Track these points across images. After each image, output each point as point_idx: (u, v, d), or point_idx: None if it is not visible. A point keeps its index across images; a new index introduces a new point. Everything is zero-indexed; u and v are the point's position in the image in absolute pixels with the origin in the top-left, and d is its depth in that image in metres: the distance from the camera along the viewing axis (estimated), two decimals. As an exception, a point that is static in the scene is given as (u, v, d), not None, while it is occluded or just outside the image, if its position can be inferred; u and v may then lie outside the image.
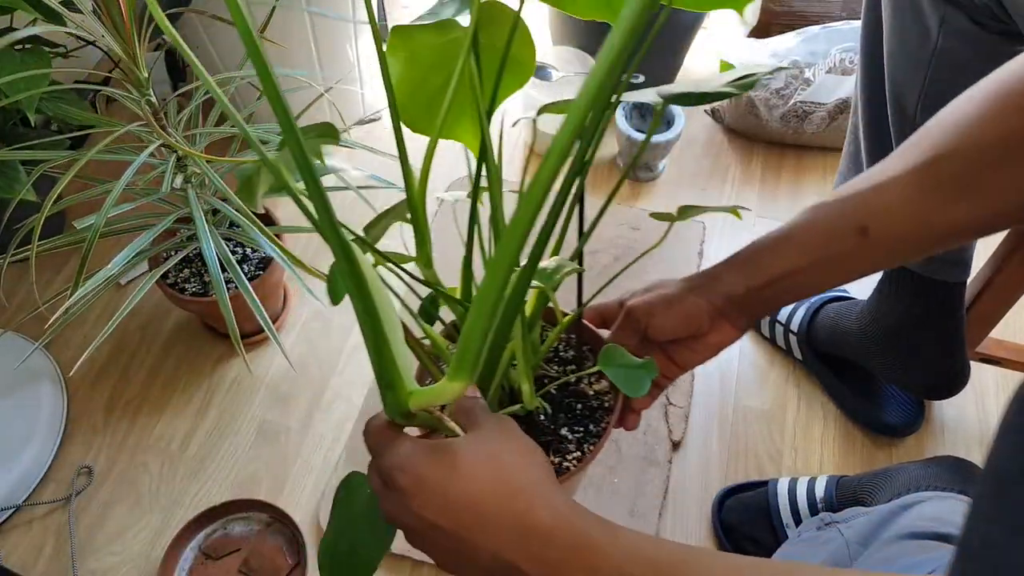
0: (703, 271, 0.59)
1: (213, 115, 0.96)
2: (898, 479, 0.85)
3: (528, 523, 0.39)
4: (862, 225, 0.52)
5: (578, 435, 0.60)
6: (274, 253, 0.84)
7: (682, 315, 0.57)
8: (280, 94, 0.34)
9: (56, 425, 1.04)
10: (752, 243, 0.57)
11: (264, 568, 0.92)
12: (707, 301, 0.57)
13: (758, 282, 0.55)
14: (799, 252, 0.54)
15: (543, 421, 0.61)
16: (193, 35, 1.18)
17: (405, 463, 0.41)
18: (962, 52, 0.69)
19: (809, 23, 1.38)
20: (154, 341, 1.13)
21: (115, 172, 0.83)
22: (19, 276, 1.18)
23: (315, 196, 0.36)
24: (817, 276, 0.55)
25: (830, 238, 0.53)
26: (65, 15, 0.75)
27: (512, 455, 0.42)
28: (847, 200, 0.53)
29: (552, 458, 0.58)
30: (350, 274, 0.39)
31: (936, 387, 0.94)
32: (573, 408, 0.62)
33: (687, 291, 0.57)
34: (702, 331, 0.58)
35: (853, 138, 0.89)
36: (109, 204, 0.78)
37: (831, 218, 0.54)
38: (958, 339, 0.90)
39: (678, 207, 0.57)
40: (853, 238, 0.52)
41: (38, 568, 0.95)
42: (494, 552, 0.40)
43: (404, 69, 0.52)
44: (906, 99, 0.75)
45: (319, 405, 1.07)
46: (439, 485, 0.40)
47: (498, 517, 0.40)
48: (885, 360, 0.95)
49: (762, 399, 1.06)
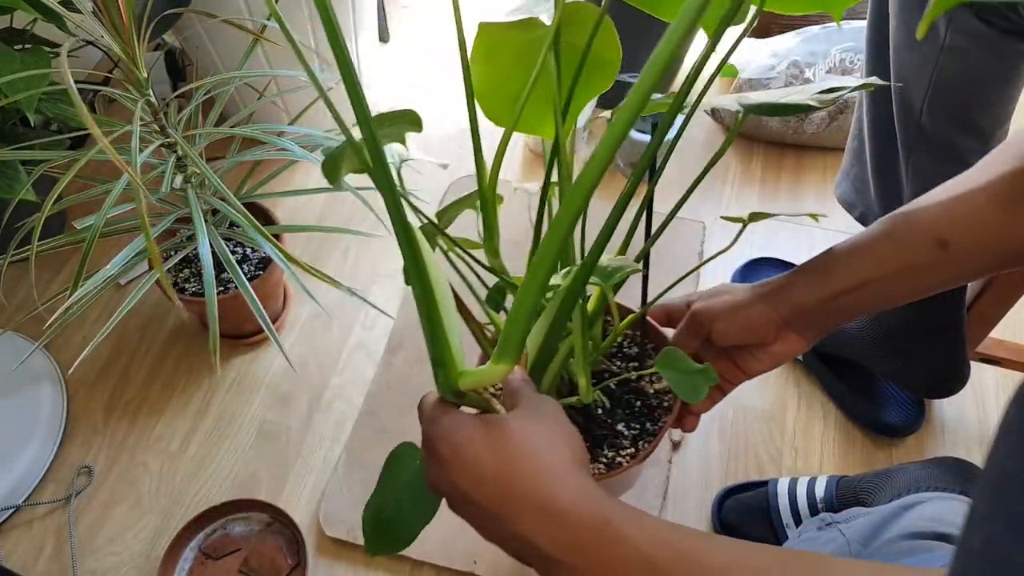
0: (774, 279, 0.58)
1: (213, 115, 0.96)
2: (899, 479, 0.85)
3: (549, 504, 0.40)
4: (941, 237, 0.51)
5: (634, 432, 0.60)
6: (273, 254, 0.84)
7: (746, 322, 0.57)
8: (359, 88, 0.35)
9: (56, 425, 1.04)
10: (825, 252, 0.56)
11: (264, 568, 0.91)
12: (774, 310, 0.56)
13: (828, 293, 0.54)
14: (874, 263, 0.53)
15: (600, 415, 0.61)
16: (193, 35, 1.18)
17: (447, 434, 0.43)
18: (970, 49, 0.69)
19: (809, 23, 1.38)
20: (154, 341, 1.13)
21: (115, 172, 0.82)
22: (19, 276, 1.18)
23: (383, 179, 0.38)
24: (890, 289, 0.54)
25: (907, 249, 0.52)
26: (65, 15, 0.75)
27: (547, 437, 0.43)
28: (926, 211, 0.52)
29: (606, 452, 0.59)
30: (410, 256, 0.40)
31: (936, 386, 0.94)
32: (632, 405, 0.62)
33: (755, 299, 0.57)
34: (767, 340, 0.57)
35: (857, 134, 0.89)
36: (109, 204, 0.78)
37: (909, 229, 0.53)
38: (959, 338, 0.90)
39: (749, 213, 0.56)
40: (931, 250, 0.51)
41: (38, 568, 0.95)
42: (517, 529, 0.41)
43: (485, 64, 0.53)
44: (912, 96, 0.75)
45: (319, 405, 1.07)
46: (474, 458, 0.42)
47: (523, 495, 0.41)
48: (885, 359, 0.95)
49: (762, 399, 1.06)
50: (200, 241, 0.84)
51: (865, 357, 0.97)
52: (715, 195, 1.27)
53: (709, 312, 0.58)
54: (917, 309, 0.89)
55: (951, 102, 0.73)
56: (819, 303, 0.55)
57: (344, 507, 0.96)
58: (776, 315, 0.56)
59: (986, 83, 0.71)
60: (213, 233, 0.88)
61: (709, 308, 0.58)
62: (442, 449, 0.43)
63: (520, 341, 0.43)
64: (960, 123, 0.74)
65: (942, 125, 0.74)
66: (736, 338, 0.58)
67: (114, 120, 0.87)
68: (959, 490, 0.76)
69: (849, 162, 0.92)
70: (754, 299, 0.57)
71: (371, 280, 1.19)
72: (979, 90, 0.72)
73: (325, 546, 0.94)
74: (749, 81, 1.29)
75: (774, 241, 1.21)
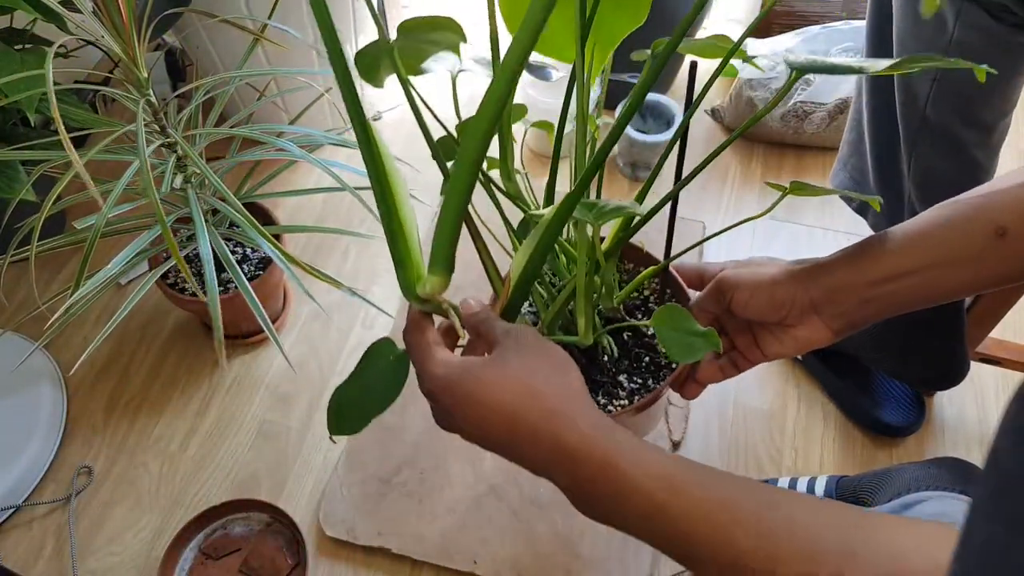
0: (812, 259, 0.54)
1: (213, 115, 0.96)
2: (899, 479, 0.84)
3: (558, 444, 0.42)
4: (1000, 225, 0.48)
5: (634, 386, 0.59)
6: (273, 254, 0.84)
7: (770, 299, 0.53)
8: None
9: (56, 425, 1.04)
10: (870, 237, 0.53)
11: (264, 568, 0.91)
12: (804, 291, 0.52)
13: (870, 278, 0.51)
14: (924, 250, 0.50)
15: (605, 362, 0.60)
16: (193, 35, 1.18)
17: (442, 383, 0.44)
18: (977, 44, 0.68)
19: (809, 23, 1.38)
20: (154, 341, 1.13)
21: (115, 172, 0.82)
22: (19, 276, 1.18)
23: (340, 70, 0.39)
24: (938, 279, 0.50)
25: (963, 237, 0.49)
26: (65, 15, 0.75)
27: (540, 372, 0.43)
28: (987, 197, 0.49)
29: (600, 399, 0.58)
30: (368, 154, 0.41)
31: (936, 379, 0.94)
32: (640, 360, 0.61)
33: (784, 275, 0.53)
34: (788, 321, 0.54)
35: (856, 124, 0.88)
36: (109, 204, 0.78)
37: (966, 216, 0.49)
38: (958, 330, 0.90)
39: (791, 182, 0.54)
40: (989, 239, 0.48)
41: (38, 568, 0.95)
42: (530, 463, 0.43)
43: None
44: (917, 88, 0.74)
45: (319, 405, 1.07)
46: (476, 408, 0.43)
47: (532, 437, 0.42)
48: (884, 353, 0.94)
49: (762, 399, 1.06)
50: (201, 241, 0.84)
51: (864, 350, 0.96)
52: (715, 195, 1.27)
53: (734, 280, 0.55)
54: None
55: (956, 95, 0.73)
56: (860, 288, 0.51)
57: (344, 507, 0.96)
58: (805, 297, 0.52)
59: (992, 77, 0.71)
60: (213, 233, 0.88)
61: (736, 276, 0.55)
62: (443, 400, 0.44)
63: (446, 249, 0.43)
64: (964, 115, 0.74)
65: (946, 117, 0.74)
66: (755, 312, 0.54)
67: (114, 120, 0.87)
68: (959, 489, 0.75)
69: (846, 152, 0.92)
70: (784, 276, 0.53)
71: (371, 280, 1.19)
72: (985, 83, 0.72)
73: (325, 546, 0.94)
74: (749, 81, 1.29)
75: (774, 241, 1.21)
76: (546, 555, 0.91)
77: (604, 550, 0.91)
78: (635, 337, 0.62)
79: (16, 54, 0.85)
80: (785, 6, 1.41)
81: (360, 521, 0.95)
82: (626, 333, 0.62)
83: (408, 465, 0.99)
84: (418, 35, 0.52)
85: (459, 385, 0.43)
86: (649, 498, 0.40)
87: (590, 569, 0.90)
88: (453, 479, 0.97)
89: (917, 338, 0.91)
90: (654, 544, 0.42)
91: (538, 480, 0.95)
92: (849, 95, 1.23)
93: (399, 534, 0.93)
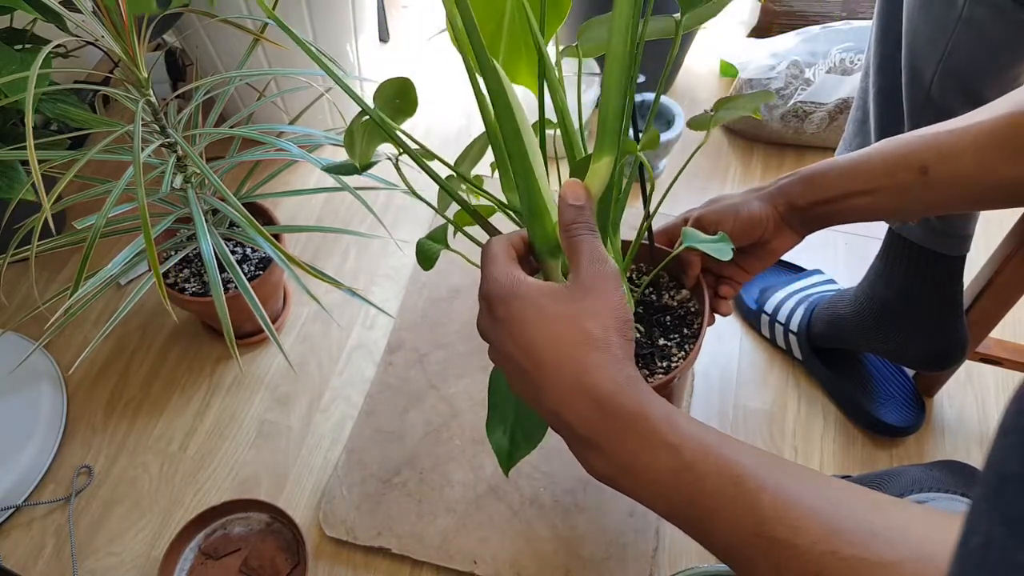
0: (768, 184, 0.63)
1: (213, 115, 0.96)
2: (901, 480, 0.84)
3: (592, 389, 0.42)
4: (923, 163, 0.55)
5: (675, 340, 0.66)
6: (273, 253, 0.84)
7: (748, 221, 0.61)
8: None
9: (56, 425, 1.04)
10: (821, 162, 0.61)
11: (264, 568, 0.92)
12: (773, 208, 0.62)
13: (819, 198, 0.60)
14: (860, 177, 0.58)
15: (640, 339, 0.66)
16: (193, 35, 1.18)
17: (505, 294, 0.45)
18: (987, 21, 0.67)
19: (809, 23, 1.38)
20: (154, 341, 1.13)
21: (115, 172, 0.83)
22: (19, 276, 1.18)
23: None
24: (875, 203, 0.58)
25: (892, 169, 0.57)
26: (65, 15, 0.75)
27: (600, 316, 0.43)
28: (919, 137, 0.56)
29: (659, 364, 0.64)
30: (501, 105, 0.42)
31: (936, 359, 0.92)
32: (663, 322, 0.68)
33: (754, 199, 0.62)
34: (766, 237, 0.63)
35: (861, 103, 0.87)
36: (109, 204, 0.78)
37: (898, 151, 0.57)
38: (956, 309, 0.89)
39: (717, 101, 0.62)
40: (912, 174, 0.56)
41: (38, 568, 0.95)
42: (553, 404, 0.43)
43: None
44: (923, 65, 0.73)
45: (319, 405, 1.07)
46: (526, 327, 0.43)
47: (568, 375, 0.42)
48: (882, 336, 0.94)
49: (762, 399, 1.06)
50: (202, 241, 0.84)
51: (863, 337, 0.96)
52: (715, 195, 1.27)
53: (714, 215, 0.63)
54: (913, 282, 0.89)
55: (963, 74, 0.72)
56: (811, 205, 0.61)
57: (344, 507, 0.96)
58: (774, 212, 0.62)
59: (1000, 55, 0.70)
60: (213, 233, 0.88)
61: (713, 212, 0.63)
62: (498, 309, 0.45)
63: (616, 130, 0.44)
64: (969, 95, 0.73)
65: (951, 96, 0.73)
66: (741, 237, 0.62)
67: (114, 120, 0.87)
68: (961, 492, 0.76)
69: (851, 132, 0.91)
70: (753, 199, 0.62)
71: (371, 280, 1.19)
72: (992, 62, 0.71)
73: (325, 546, 0.94)
74: (749, 81, 1.29)
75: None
76: (546, 555, 0.91)
77: (604, 550, 0.91)
78: (647, 309, 0.69)
79: (16, 54, 0.85)
80: (785, 6, 1.41)
81: (360, 521, 0.95)
82: (639, 308, 0.68)
83: (408, 465, 0.99)
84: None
85: (518, 302, 0.44)
86: (677, 454, 0.40)
87: (590, 569, 0.90)
88: (453, 479, 0.97)
89: (915, 319, 0.90)
90: (670, 509, 0.41)
91: (538, 481, 0.95)
92: (850, 95, 1.22)
93: (399, 534, 0.93)
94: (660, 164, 1.28)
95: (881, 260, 0.92)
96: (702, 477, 0.39)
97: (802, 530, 0.37)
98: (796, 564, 0.37)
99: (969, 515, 0.23)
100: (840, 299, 0.99)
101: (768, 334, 1.09)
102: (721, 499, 0.39)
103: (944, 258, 0.85)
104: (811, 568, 0.36)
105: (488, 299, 0.46)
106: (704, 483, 0.39)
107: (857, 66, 1.24)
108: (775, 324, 1.08)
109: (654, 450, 0.41)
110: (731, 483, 0.39)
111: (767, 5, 1.40)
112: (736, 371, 1.08)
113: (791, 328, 1.05)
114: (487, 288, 0.46)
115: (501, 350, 0.45)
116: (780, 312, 1.07)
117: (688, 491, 0.40)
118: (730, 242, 0.58)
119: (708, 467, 0.39)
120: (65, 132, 1.01)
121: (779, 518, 0.37)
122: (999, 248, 0.86)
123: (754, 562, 0.38)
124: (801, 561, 0.36)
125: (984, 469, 0.23)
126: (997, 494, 0.21)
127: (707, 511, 0.40)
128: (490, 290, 0.45)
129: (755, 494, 0.38)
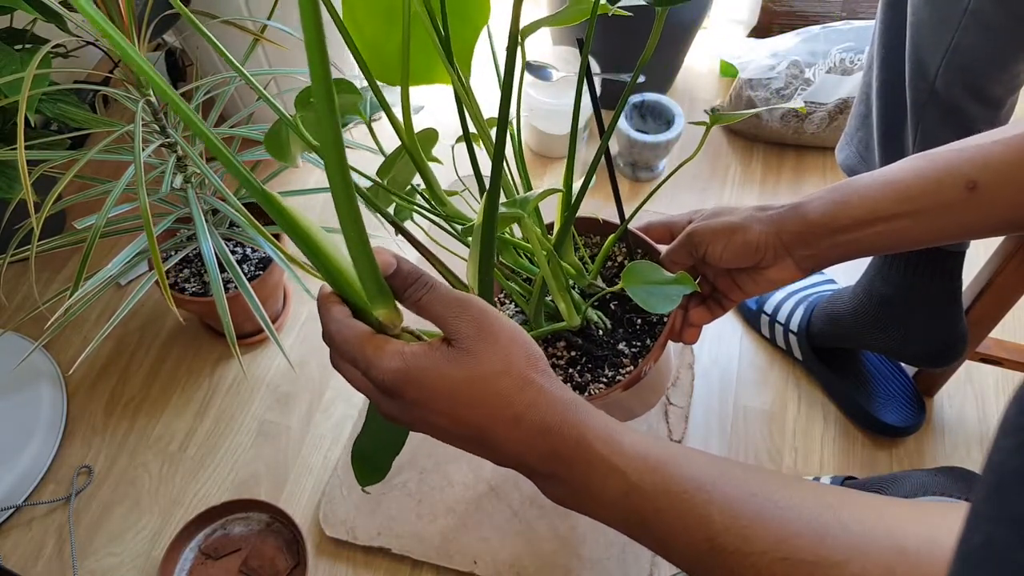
0: (778, 205, 0.56)
1: (213, 115, 0.96)
2: (905, 483, 0.84)
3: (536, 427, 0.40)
4: (972, 178, 0.49)
5: (635, 350, 0.60)
6: (273, 253, 0.84)
7: (743, 246, 0.55)
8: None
9: (56, 425, 1.04)
10: (843, 183, 0.54)
11: (264, 568, 0.92)
12: (776, 235, 0.54)
13: (840, 224, 0.52)
14: (897, 198, 0.51)
15: (601, 336, 0.61)
16: (193, 35, 1.18)
17: (402, 380, 0.41)
18: (994, 14, 0.66)
19: (809, 23, 1.38)
20: (154, 341, 1.13)
21: (115, 172, 0.83)
22: (19, 276, 1.18)
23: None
24: (907, 228, 0.51)
25: (935, 187, 0.50)
26: (65, 15, 0.75)
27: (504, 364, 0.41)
28: (962, 151, 0.50)
29: (607, 372, 0.59)
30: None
31: (936, 354, 0.92)
32: (633, 323, 0.62)
33: (755, 222, 0.55)
34: (763, 264, 0.56)
35: (864, 98, 0.86)
36: (109, 204, 0.78)
37: (939, 167, 0.50)
38: (955, 304, 0.89)
39: (712, 110, 0.57)
40: (959, 191, 0.49)
41: (38, 568, 0.95)
42: (515, 456, 0.41)
43: (364, 26, 0.52)
44: (928, 59, 0.72)
45: (319, 405, 1.07)
46: (444, 401, 0.41)
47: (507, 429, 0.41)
48: (882, 332, 0.93)
49: (762, 399, 1.06)
50: (202, 241, 0.84)
51: (862, 333, 0.95)
52: (715, 195, 1.27)
53: (707, 232, 0.56)
54: (912, 278, 0.89)
55: (968, 68, 0.71)
56: (831, 232, 0.52)
57: (344, 507, 0.96)
58: (778, 240, 0.54)
59: (1006, 49, 0.69)
60: (213, 233, 0.88)
61: (707, 228, 0.57)
62: (406, 394, 0.41)
63: (372, 277, 0.42)
64: (974, 89, 0.72)
65: (956, 91, 0.72)
66: (731, 261, 0.56)
67: (114, 120, 0.87)
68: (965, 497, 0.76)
69: (854, 126, 0.90)
70: (755, 222, 0.55)
71: (371, 280, 1.19)
72: (998, 56, 0.70)
73: (325, 546, 0.94)
74: (749, 81, 1.29)
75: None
76: (546, 555, 0.91)
77: (604, 550, 0.91)
78: (622, 304, 0.63)
79: (16, 54, 0.85)
80: (785, 6, 1.41)
81: (360, 521, 0.95)
82: (612, 303, 0.63)
83: (408, 465, 0.99)
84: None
85: (420, 381, 0.40)
86: (624, 476, 0.39)
87: (590, 569, 0.90)
88: (453, 479, 0.97)
89: (915, 316, 0.90)
90: (629, 530, 0.41)
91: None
92: (850, 95, 1.22)
93: (399, 534, 0.94)
94: (660, 164, 1.28)
95: (880, 256, 0.92)
96: (651, 497, 0.39)
97: (752, 539, 0.37)
98: (750, 574, 0.37)
99: (970, 515, 0.23)
100: (839, 297, 0.99)
101: (768, 334, 1.09)
102: (671, 516, 0.39)
103: (943, 254, 0.85)
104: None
105: (386, 390, 0.41)
106: (654, 502, 0.39)
107: (857, 66, 1.24)
108: (775, 324, 1.08)
109: (602, 475, 0.40)
110: (679, 499, 0.39)
111: (767, 5, 1.40)
112: (736, 371, 1.08)
113: (791, 328, 1.05)
114: (379, 379, 0.41)
115: (430, 427, 0.42)
116: (780, 312, 1.07)
117: (641, 512, 0.39)
118: (690, 284, 0.52)
119: (655, 486, 0.39)
120: (65, 132, 1.01)
121: (728, 528, 0.37)
122: (999, 248, 0.86)
123: (713, 574, 0.38)
124: (755, 570, 0.37)
125: (984, 469, 0.23)
126: (998, 494, 0.21)
127: (661, 529, 0.39)
128: (384, 380, 0.41)
129: (704, 507, 0.38)
